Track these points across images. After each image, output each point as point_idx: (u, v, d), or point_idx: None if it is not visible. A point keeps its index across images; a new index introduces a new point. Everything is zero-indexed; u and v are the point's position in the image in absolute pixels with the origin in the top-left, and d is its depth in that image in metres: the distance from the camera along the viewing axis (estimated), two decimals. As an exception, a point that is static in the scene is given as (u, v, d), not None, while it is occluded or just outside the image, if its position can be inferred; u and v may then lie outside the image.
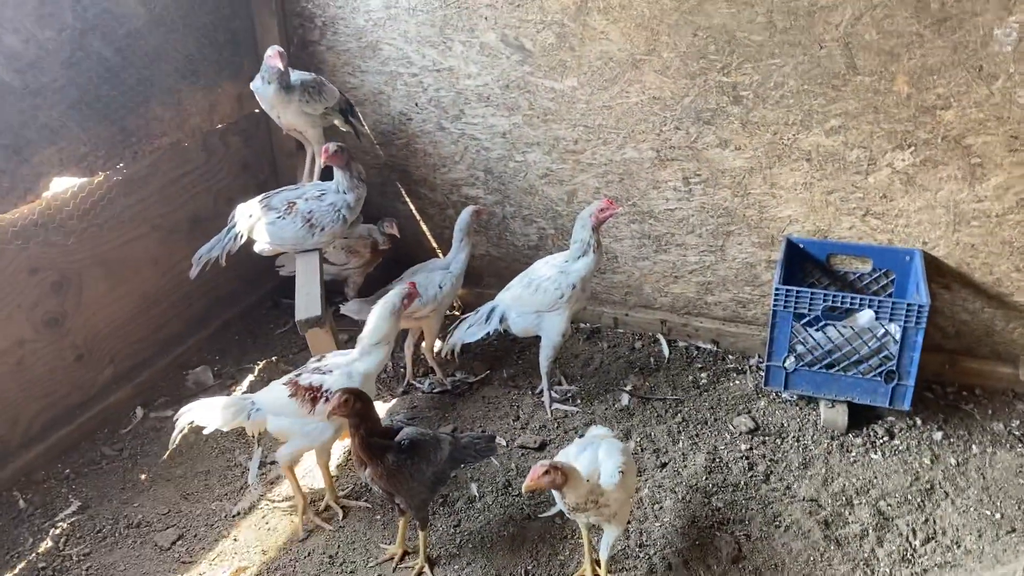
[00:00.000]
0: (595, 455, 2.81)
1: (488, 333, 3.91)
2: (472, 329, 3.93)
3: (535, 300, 3.77)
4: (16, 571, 3.18)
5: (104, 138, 3.81)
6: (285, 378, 3.26)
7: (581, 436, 3.29)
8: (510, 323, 3.89)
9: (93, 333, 3.94)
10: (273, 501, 3.49)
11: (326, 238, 3.83)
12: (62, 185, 3.70)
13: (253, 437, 3.47)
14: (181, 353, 4.40)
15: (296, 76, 4.00)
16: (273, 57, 3.82)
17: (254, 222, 3.83)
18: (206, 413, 3.16)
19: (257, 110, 4.59)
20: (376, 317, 3.26)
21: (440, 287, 3.95)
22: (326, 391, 3.13)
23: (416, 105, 4.45)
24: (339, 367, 3.21)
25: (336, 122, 4.28)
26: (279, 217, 3.78)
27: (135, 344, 4.18)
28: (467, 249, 4.06)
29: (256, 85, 3.98)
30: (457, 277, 4.05)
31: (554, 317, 3.76)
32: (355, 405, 2.80)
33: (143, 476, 3.65)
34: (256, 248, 3.92)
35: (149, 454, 3.79)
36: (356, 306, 4.05)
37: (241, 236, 3.87)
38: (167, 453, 3.49)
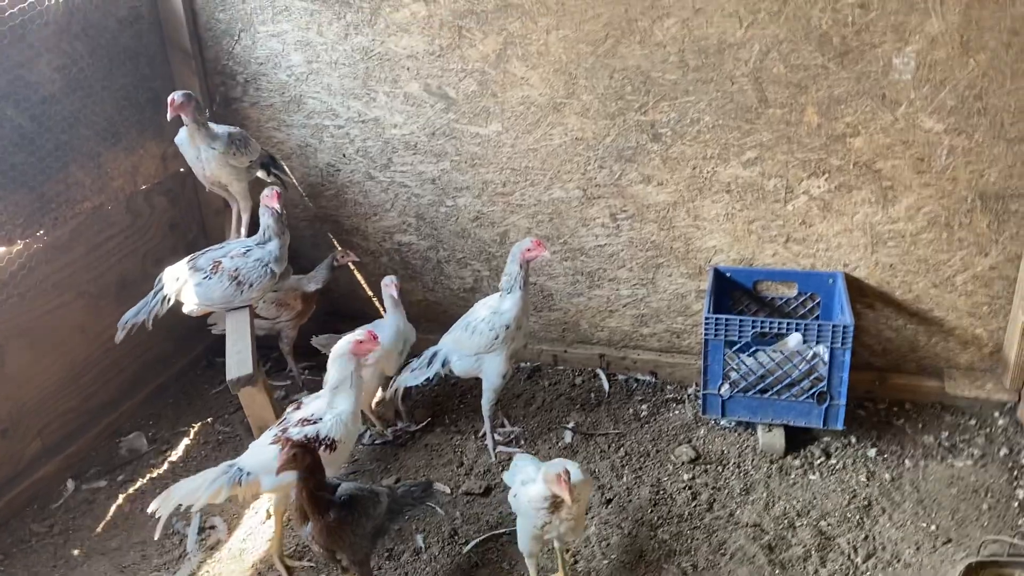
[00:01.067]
0: (548, 466, 2.84)
1: (429, 377, 3.90)
2: (415, 373, 3.92)
3: (473, 343, 3.77)
4: (-59, 663, 3.03)
5: (21, 206, 3.73)
6: (268, 436, 3.19)
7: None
8: (452, 366, 3.89)
9: (18, 406, 3.81)
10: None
11: (255, 294, 3.80)
12: (-21, 256, 3.60)
13: (243, 500, 3.40)
14: (113, 420, 4.28)
15: (222, 129, 3.99)
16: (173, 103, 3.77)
17: (181, 284, 3.78)
18: (191, 493, 3.01)
19: (183, 168, 4.56)
20: (330, 363, 3.25)
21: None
22: (324, 439, 3.11)
23: (344, 156, 4.46)
24: (325, 412, 3.19)
25: (260, 174, 4.26)
26: (205, 277, 3.74)
27: (64, 415, 4.06)
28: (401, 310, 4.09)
29: (180, 138, 3.95)
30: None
31: (493, 358, 3.76)
32: (304, 459, 2.76)
33: (76, 551, 3.53)
34: (185, 310, 3.86)
35: (82, 528, 3.67)
36: (325, 340, 4.19)
37: (168, 299, 3.80)
38: (157, 536, 3.22)
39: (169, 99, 3.71)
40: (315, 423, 3.15)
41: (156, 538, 3.25)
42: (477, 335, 3.74)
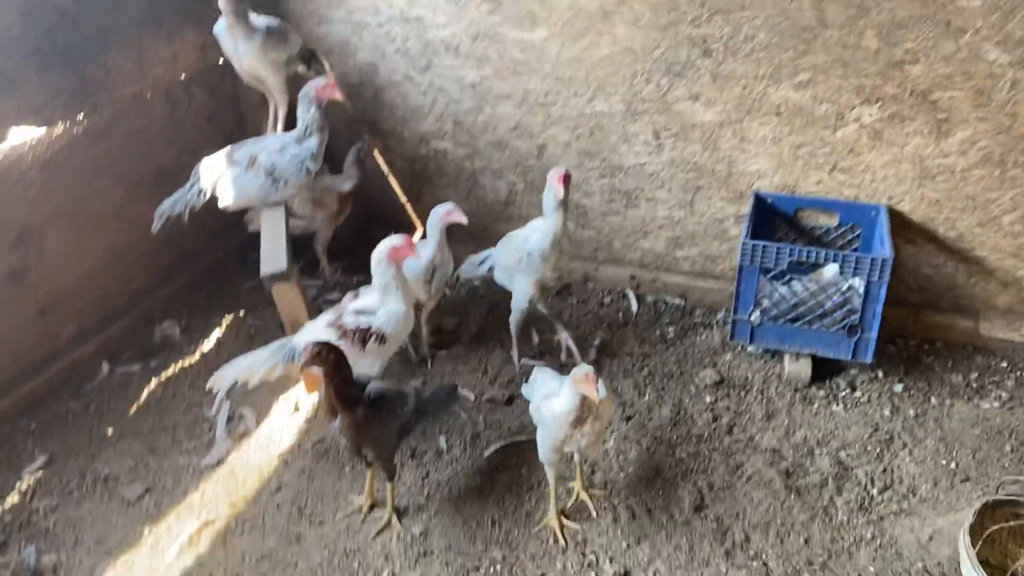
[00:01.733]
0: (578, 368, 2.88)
1: (477, 276, 4.01)
2: (470, 265, 4.03)
3: (506, 257, 3.77)
4: (-18, 525, 3.18)
5: (63, 88, 3.72)
6: (323, 321, 3.33)
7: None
8: (495, 274, 3.92)
9: (57, 287, 3.88)
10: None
11: (291, 191, 3.79)
12: (20, 137, 3.61)
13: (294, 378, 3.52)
14: (148, 307, 4.36)
15: (261, 21, 3.92)
16: None
17: (217, 178, 3.78)
18: (247, 369, 3.20)
19: (221, 60, 4.50)
20: (372, 266, 3.32)
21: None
22: (375, 332, 3.26)
23: (384, 55, 4.38)
24: (380, 307, 3.30)
25: (299, 69, 4.20)
26: (241, 173, 3.73)
27: (100, 298, 4.13)
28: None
29: (218, 28, 3.89)
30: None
31: (521, 279, 3.75)
32: (329, 356, 2.80)
33: (110, 431, 3.64)
34: (221, 204, 3.87)
35: (115, 408, 3.78)
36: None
37: (204, 193, 3.81)
38: (213, 413, 3.50)
39: None
40: (370, 316, 3.27)
41: (213, 413, 3.51)
42: (510, 251, 3.73)
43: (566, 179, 3.39)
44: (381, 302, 3.32)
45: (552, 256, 3.57)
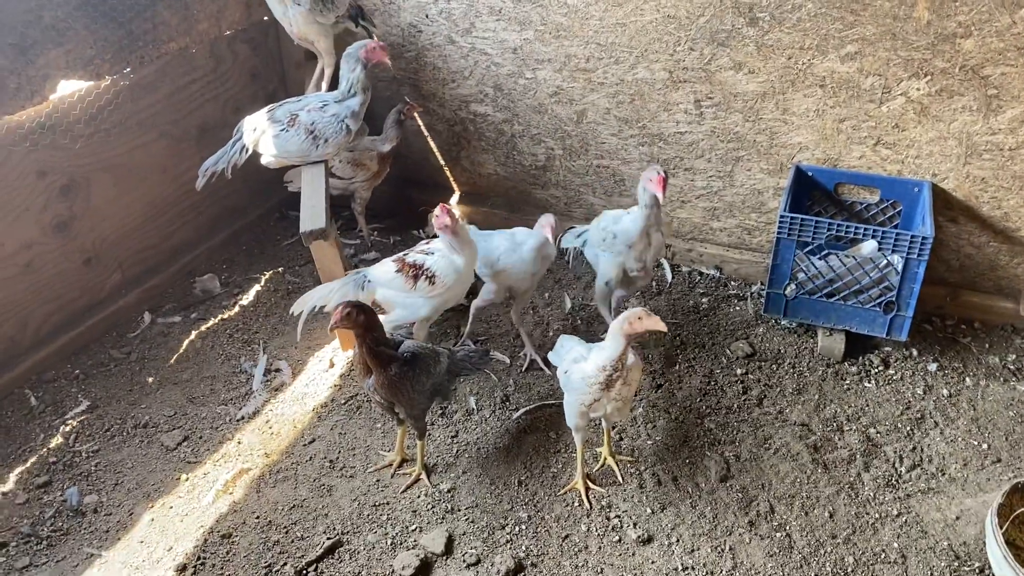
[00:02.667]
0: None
1: (573, 248, 3.99)
2: (570, 235, 3.99)
3: (595, 234, 3.73)
4: (28, 464, 3.30)
5: (111, 41, 3.77)
6: (395, 256, 3.51)
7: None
8: (585, 249, 3.90)
9: (101, 238, 3.98)
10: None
11: (330, 149, 3.82)
12: (68, 88, 3.68)
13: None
14: (189, 261, 4.45)
15: None
16: None
17: (259, 135, 3.82)
18: (325, 295, 3.44)
19: (266, 17, 4.54)
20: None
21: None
22: (426, 269, 3.38)
23: (427, 17, 4.37)
24: (441, 251, 3.41)
25: (349, 25, 4.22)
26: (283, 130, 3.76)
27: (143, 250, 4.23)
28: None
29: None
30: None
31: (605, 260, 3.68)
32: (358, 317, 2.85)
33: (150, 379, 3.74)
34: (262, 161, 3.91)
35: (156, 358, 3.88)
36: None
37: (247, 149, 3.86)
38: (298, 337, 3.64)
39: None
40: (427, 255, 3.42)
41: (298, 339, 3.70)
42: (599, 228, 3.67)
43: (664, 183, 3.30)
44: (446, 250, 3.41)
45: (638, 246, 3.52)
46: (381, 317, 3.25)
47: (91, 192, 3.87)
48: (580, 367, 2.91)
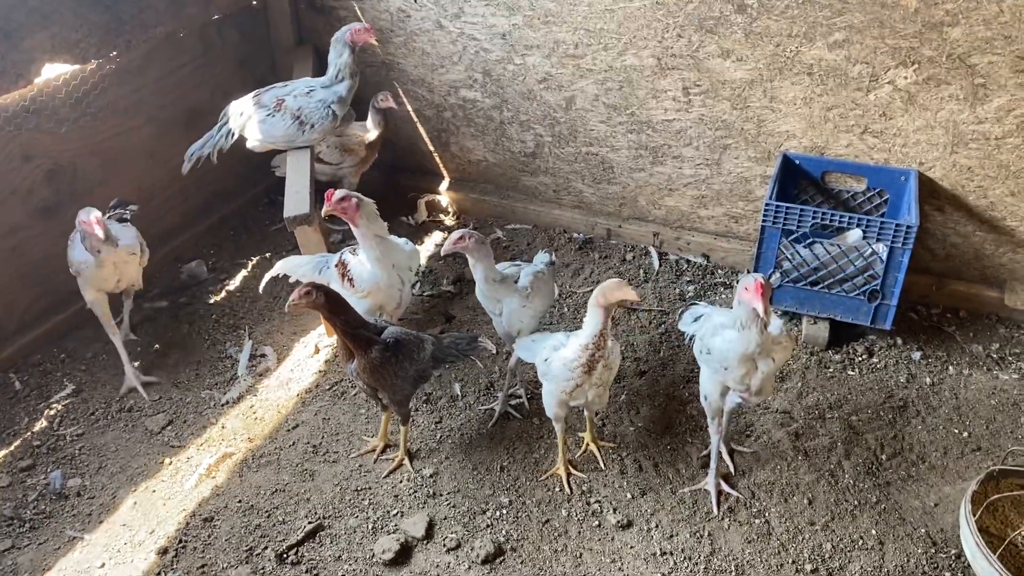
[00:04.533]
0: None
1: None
2: (685, 317, 3.36)
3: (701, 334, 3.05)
4: (12, 448, 3.31)
5: (97, 25, 3.76)
6: (347, 250, 3.51)
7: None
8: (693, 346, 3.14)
9: (88, 223, 3.97)
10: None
11: (316, 135, 3.82)
12: (54, 72, 3.67)
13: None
14: (176, 247, 4.45)
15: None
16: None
17: (245, 120, 3.82)
18: (290, 266, 3.55)
19: (255, 2, 4.52)
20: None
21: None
22: (348, 269, 3.38)
23: (415, 1, 4.36)
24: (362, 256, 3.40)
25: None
26: (269, 115, 3.76)
27: (130, 235, 4.22)
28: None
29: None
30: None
31: (704, 373, 3.02)
32: (317, 298, 2.83)
33: (136, 364, 3.74)
34: (248, 145, 3.91)
35: (142, 344, 3.88)
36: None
37: (233, 134, 3.86)
38: (261, 289, 3.71)
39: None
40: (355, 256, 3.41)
41: (260, 291, 3.75)
42: (698, 334, 3.06)
43: (762, 290, 2.59)
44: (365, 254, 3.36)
45: (739, 369, 2.79)
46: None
47: (77, 176, 3.86)
48: (560, 354, 2.91)
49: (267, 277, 3.59)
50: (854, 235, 3.71)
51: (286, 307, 2.84)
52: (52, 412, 3.48)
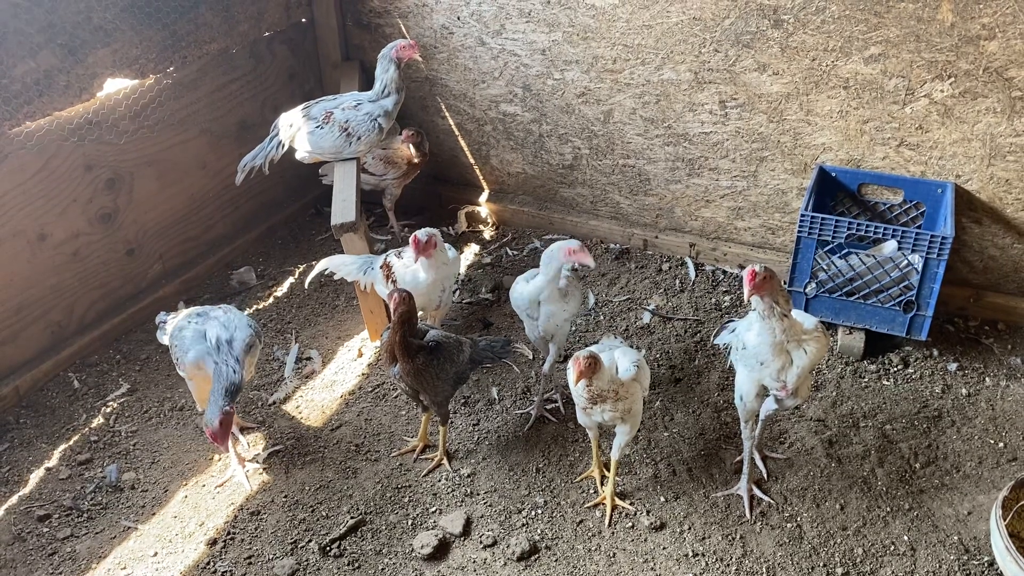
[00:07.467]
0: (611, 356, 2.94)
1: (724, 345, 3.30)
2: (723, 333, 3.30)
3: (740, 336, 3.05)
4: (71, 443, 3.47)
5: (155, 41, 3.95)
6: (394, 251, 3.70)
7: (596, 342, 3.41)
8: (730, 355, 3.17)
9: (143, 230, 4.16)
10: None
11: (362, 147, 3.95)
12: (115, 86, 3.86)
13: (365, 289, 3.77)
14: (226, 254, 4.62)
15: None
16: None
17: (295, 131, 3.97)
18: (337, 263, 3.72)
19: (304, 19, 4.69)
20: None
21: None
22: (393, 272, 3.55)
23: (458, 19, 4.49)
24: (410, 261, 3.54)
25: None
26: (317, 127, 3.91)
27: (183, 243, 4.40)
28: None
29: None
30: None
31: (740, 373, 3.01)
32: (410, 303, 2.99)
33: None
34: (297, 156, 4.06)
35: (194, 345, 4.03)
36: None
37: (283, 145, 4.01)
38: (307, 284, 3.98)
39: None
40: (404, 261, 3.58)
41: (306, 285, 4.04)
42: (733, 332, 3.12)
43: (755, 278, 2.68)
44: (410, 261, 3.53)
45: (773, 364, 2.81)
46: None
47: (134, 186, 4.05)
48: (569, 372, 2.90)
49: (313, 273, 3.81)
50: (889, 246, 3.73)
51: (386, 298, 3.02)
52: (108, 409, 3.64)
